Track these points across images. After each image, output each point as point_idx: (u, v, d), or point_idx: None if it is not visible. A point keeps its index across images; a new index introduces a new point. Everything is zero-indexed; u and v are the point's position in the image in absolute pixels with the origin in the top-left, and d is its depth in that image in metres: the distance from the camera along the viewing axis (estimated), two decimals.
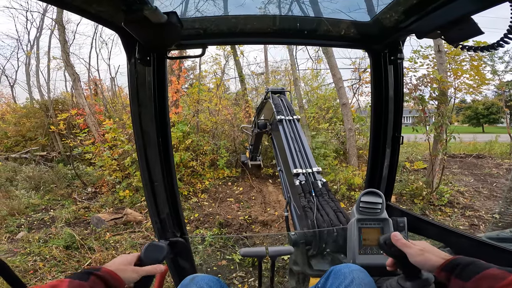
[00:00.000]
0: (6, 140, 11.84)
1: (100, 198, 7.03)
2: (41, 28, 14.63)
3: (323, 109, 10.67)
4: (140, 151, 1.42)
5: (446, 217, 5.49)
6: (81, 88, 10.04)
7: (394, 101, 1.63)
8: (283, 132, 2.60)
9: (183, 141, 7.68)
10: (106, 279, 0.91)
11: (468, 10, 1.00)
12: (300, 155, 2.35)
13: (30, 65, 15.25)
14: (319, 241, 1.69)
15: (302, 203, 1.94)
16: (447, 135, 6.01)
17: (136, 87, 1.32)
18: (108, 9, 1.02)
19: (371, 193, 1.50)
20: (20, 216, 5.91)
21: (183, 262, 1.64)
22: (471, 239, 1.29)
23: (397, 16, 1.23)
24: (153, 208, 1.51)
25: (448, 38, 1.08)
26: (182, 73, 8.98)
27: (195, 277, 1.20)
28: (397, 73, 1.58)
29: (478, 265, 0.85)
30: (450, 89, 6.37)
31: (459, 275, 0.86)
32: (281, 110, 2.91)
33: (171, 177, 1.51)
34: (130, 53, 1.26)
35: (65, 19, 9.61)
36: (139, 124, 1.37)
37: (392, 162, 1.75)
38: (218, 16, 1.36)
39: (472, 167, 9.37)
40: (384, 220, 1.46)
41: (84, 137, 8.61)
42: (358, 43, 1.59)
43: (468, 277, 0.83)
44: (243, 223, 5.37)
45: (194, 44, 1.51)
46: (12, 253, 4.41)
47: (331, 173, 7.30)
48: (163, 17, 1.00)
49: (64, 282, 0.82)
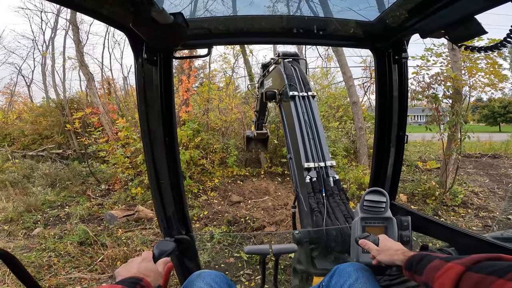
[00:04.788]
0: (23, 138, 12.22)
1: (113, 195, 7.20)
2: (56, 29, 15.08)
3: (333, 108, 10.58)
4: (147, 150, 1.44)
5: (459, 218, 5.38)
6: (95, 87, 10.27)
7: (398, 100, 1.63)
8: (296, 112, 2.29)
9: (193, 139, 7.76)
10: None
11: (471, 10, 1.00)
12: (313, 144, 2.14)
13: (46, 65, 15.74)
14: (324, 241, 1.69)
15: (311, 204, 1.88)
16: (462, 134, 5.88)
17: (143, 86, 1.35)
18: (117, 11, 1.04)
19: (375, 192, 1.49)
20: (37, 212, 6.11)
21: (188, 259, 1.66)
22: (475, 239, 1.28)
23: (401, 16, 1.23)
24: (159, 206, 1.54)
25: (452, 37, 1.08)
26: (192, 72, 9.05)
27: (201, 273, 1.22)
28: (401, 72, 1.58)
29: (427, 259, 0.92)
30: (464, 87, 6.21)
31: (416, 270, 0.93)
32: (294, 83, 2.47)
33: (177, 175, 1.54)
34: (137, 53, 1.28)
35: (78, 20, 9.86)
36: (146, 123, 1.40)
37: (397, 161, 1.75)
38: (223, 16, 1.39)
39: (488, 167, 9.12)
40: (388, 219, 1.45)
41: (98, 135, 8.81)
42: (362, 43, 1.60)
43: (421, 272, 0.90)
44: (249, 223, 5.40)
45: (200, 44, 1.53)
46: (28, 249, 4.55)
47: (340, 172, 7.24)
48: (169, 18, 1.03)
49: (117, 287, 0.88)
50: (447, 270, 0.79)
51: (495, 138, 14.36)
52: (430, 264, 0.88)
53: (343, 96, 10.95)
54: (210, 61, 11.86)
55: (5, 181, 7.67)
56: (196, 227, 5.46)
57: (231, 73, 12.46)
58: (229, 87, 11.21)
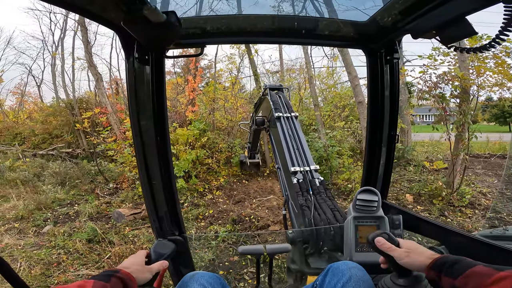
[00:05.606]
0: (34, 138, 12.49)
1: (120, 193, 7.32)
2: (65, 30, 15.29)
3: (338, 107, 10.54)
4: (138, 150, 1.42)
5: (466, 219, 5.32)
6: (103, 87, 10.44)
7: (390, 100, 1.64)
8: (281, 129, 2.57)
9: (200, 139, 7.83)
10: (124, 281, 0.97)
11: (463, 11, 1.00)
12: (298, 153, 2.34)
13: (56, 65, 15.99)
14: (316, 239, 1.71)
15: (299, 202, 1.96)
16: (469, 134, 5.80)
17: (135, 86, 1.33)
18: (107, 9, 1.01)
19: (367, 191, 1.51)
20: (47, 210, 6.25)
21: (182, 260, 1.65)
22: (465, 237, 1.29)
23: (393, 16, 1.24)
24: (151, 207, 1.52)
25: (443, 38, 1.09)
26: (198, 72, 9.12)
27: (195, 274, 1.22)
28: (393, 72, 1.58)
29: (465, 263, 0.86)
30: (472, 87, 6.12)
31: (448, 272, 0.87)
32: (279, 107, 2.87)
33: (169, 175, 1.51)
34: (128, 52, 1.26)
35: (87, 21, 9.97)
36: (137, 123, 1.38)
37: (388, 161, 1.76)
38: (216, 15, 1.38)
39: (497, 168, 8.96)
40: (380, 218, 1.47)
41: (106, 134, 8.96)
42: (355, 43, 1.60)
43: (456, 275, 0.84)
44: (254, 222, 5.43)
45: (193, 44, 1.53)
46: (38, 246, 4.65)
47: (345, 171, 7.22)
48: (162, 17, 1.01)
49: (89, 282, 0.88)
50: (503, 279, 0.74)
51: (505, 138, 14.07)
52: (471, 270, 0.82)
53: (349, 95, 10.91)
54: (216, 61, 11.95)
55: (16, 180, 7.86)
56: (201, 226, 5.52)
57: (236, 73, 12.50)
58: (235, 86, 11.27)
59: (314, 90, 9.86)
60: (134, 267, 1.07)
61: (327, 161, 7.47)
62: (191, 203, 6.58)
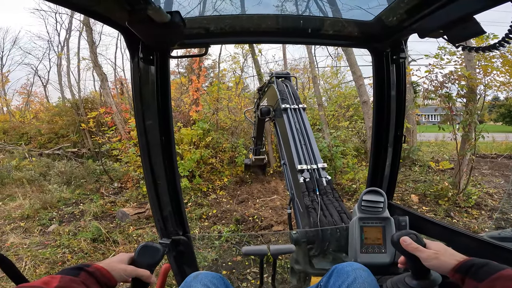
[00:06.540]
0: (40, 137, 12.61)
1: (125, 193, 7.36)
2: (70, 30, 15.45)
3: (343, 107, 10.49)
4: (143, 150, 1.42)
5: (472, 219, 5.26)
6: (108, 87, 10.50)
7: (396, 100, 1.62)
8: (288, 122, 2.46)
9: (204, 139, 7.84)
10: (96, 276, 0.92)
11: (470, 10, 0.98)
12: (305, 149, 2.27)
13: (61, 65, 16.13)
14: (321, 240, 1.70)
15: (305, 202, 1.93)
16: (476, 134, 5.73)
17: (139, 86, 1.33)
18: (112, 9, 1.01)
19: (373, 192, 1.49)
20: (52, 209, 6.29)
21: (185, 260, 1.65)
22: (472, 238, 1.27)
23: (399, 16, 1.23)
24: (155, 206, 1.52)
25: (450, 37, 1.07)
26: (202, 72, 9.14)
27: (198, 274, 1.21)
28: (399, 72, 1.56)
29: (493, 266, 0.85)
30: (479, 86, 6.05)
31: (474, 276, 0.86)
32: (286, 97, 2.71)
33: (174, 175, 1.52)
34: (133, 52, 1.26)
35: (92, 21, 10.04)
36: (142, 122, 1.38)
37: (394, 161, 1.74)
38: (220, 15, 1.38)
39: (504, 168, 8.86)
40: (386, 219, 1.46)
41: (111, 134, 9.01)
42: (361, 43, 1.58)
43: (482, 278, 0.83)
44: (257, 222, 5.42)
45: (197, 43, 1.53)
46: (43, 245, 4.68)
47: (350, 172, 7.18)
48: (166, 17, 1.01)
49: (55, 278, 0.83)
50: None
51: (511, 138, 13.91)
52: (500, 273, 0.80)
53: (353, 95, 10.84)
54: (220, 61, 11.95)
55: (22, 179, 7.94)
56: (205, 226, 5.52)
57: (240, 73, 12.50)
58: (238, 86, 11.26)
59: (318, 90, 9.82)
60: (108, 262, 1.02)
61: (331, 161, 7.44)
62: (194, 202, 6.59)
